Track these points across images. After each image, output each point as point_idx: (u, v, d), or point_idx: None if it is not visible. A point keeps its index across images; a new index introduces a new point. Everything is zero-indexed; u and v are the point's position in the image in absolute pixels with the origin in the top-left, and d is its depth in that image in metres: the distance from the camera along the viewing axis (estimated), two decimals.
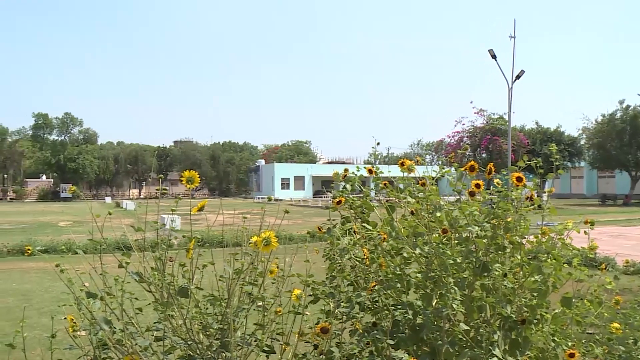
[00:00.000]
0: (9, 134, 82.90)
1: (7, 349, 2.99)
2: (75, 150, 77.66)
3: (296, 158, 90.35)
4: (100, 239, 2.88)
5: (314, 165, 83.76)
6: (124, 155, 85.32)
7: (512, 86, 36.18)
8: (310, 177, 79.00)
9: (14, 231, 25.80)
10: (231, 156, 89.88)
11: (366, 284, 3.32)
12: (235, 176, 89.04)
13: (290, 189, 76.23)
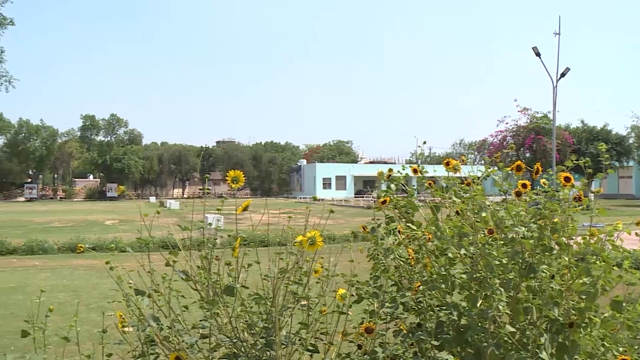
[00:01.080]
0: (59, 135, 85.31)
1: (62, 341, 3.08)
2: (121, 151, 79.36)
3: (338, 158, 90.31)
4: (148, 238, 2.94)
5: (356, 165, 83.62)
6: (167, 156, 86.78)
7: (556, 84, 35.42)
8: (351, 177, 78.92)
9: (63, 229, 26.59)
10: (273, 156, 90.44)
11: (410, 284, 3.30)
12: (277, 176, 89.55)
13: (332, 188, 76.30)
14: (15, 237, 19.53)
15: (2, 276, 13.14)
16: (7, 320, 8.66)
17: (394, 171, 3.65)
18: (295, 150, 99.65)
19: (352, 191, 76.62)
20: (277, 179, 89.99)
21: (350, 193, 75.32)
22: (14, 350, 6.67)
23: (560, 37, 35.94)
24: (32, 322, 2.99)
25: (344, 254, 3.36)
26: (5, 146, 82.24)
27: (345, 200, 59.78)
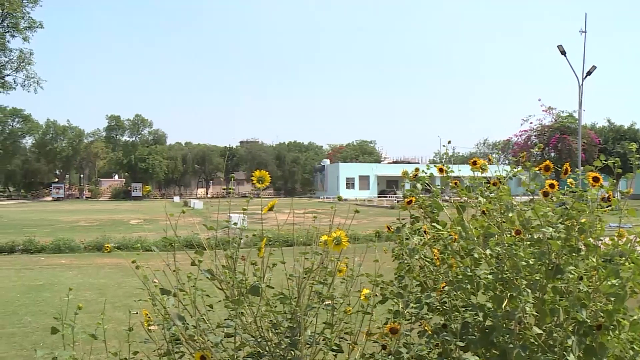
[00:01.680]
0: (85, 135, 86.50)
1: (89, 339, 3.13)
2: (146, 151, 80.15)
3: (361, 158, 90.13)
4: (174, 237, 2.97)
5: (379, 165, 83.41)
6: (191, 156, 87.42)
7: (582, 83, 34.91)
8: (375, 177, 78.76)
9: (89, 228, 26.96)
10: (296, 156, 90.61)
11: (435, 284, 3.28)
12: (301, 176, 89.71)
13: (355, 188, 76.21)
14: (43, 236, 19.86)
15: (31, 274, 13.37)
16: (36, 316, 8.81)
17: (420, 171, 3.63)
18: (318, 150, 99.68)
19: (375, 191, 76.45)
20: (301, 178, 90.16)
21: (374, 193, 75.17)
22: (43, 346, 6.78)
23: (586, 35, 35.46)
24: (61, 320, 3.04)
25: (369, 254, 3.36)
26: (34, 146, 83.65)
27: (369, 200, 59.63)
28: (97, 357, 4.87)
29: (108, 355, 3.13)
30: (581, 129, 38.48)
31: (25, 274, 13.46)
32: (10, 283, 12.06)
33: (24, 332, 7.87)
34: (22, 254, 17.36)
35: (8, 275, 13.12)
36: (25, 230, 24.31)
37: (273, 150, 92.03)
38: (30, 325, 8.29)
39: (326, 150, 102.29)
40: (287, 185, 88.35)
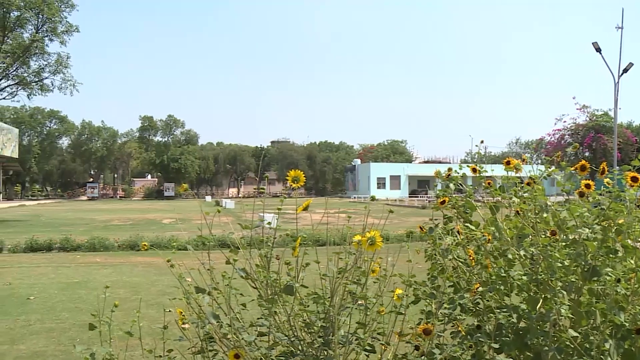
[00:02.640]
0: (119, 136, 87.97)
1: (124, 335, 3.19)
2: (178, 151, 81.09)
3: (392, 157, 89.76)
4: (209, 236, 3.00)
5: (410, 165, 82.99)
6: (223, 156, 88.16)
7: (618, 80, 34.20)
8: (406, 177, 78.39)
9: (123, 227, 27.39)
10: (327, 156, 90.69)
11: (468, 285, 3.26)
12: (332, 176, 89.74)
13: (386, 188, 75.96)
14: (78, 235, 20.24)
15: (67, 272, 13.63)
16: (72, 313, 8.99)
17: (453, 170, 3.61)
18: (349, 149, 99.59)
19: (406, 191, 76.08)
20: (332, 178, 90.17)
21: (405, 193, 74.81)
22: (80, 342, 6.92)
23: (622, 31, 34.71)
24: (98, 317, 3.10)
25: (401, 254, 3.35)
26: (70, 147, 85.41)
27: (400, 200, 59.30)
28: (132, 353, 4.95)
29: (143, 353, 3.18)
30: (617, 127, 37.65)
31: (62, 271, 13.74)
32: (49, 280, 12.33)
33: (61, 327, 8.04)
34: (59, 252, 17.73)
35: (46, 273, 13.41)
36: (61, 228, 24.86)
37: (304, 150, 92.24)
38: (67, 321, 8.46)
39: (357, 150, 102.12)
40: (318, 185, 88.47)
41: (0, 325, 8.17)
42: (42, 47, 34.77)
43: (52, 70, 35.71)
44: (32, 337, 7.52)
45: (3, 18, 32.86)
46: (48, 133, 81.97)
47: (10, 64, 33.77)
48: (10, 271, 13.41)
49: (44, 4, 32.90)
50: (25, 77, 35.34)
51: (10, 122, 72.31)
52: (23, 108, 76.96)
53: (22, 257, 16.60)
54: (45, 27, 34.19)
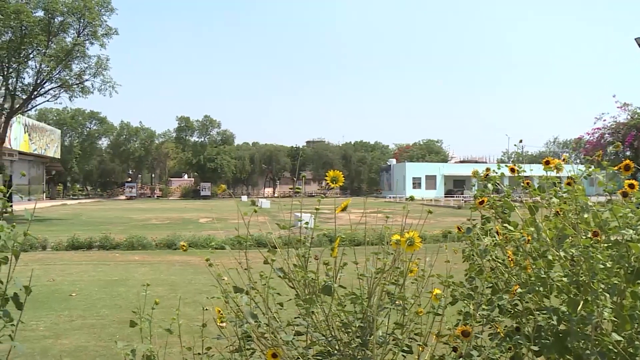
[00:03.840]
0: (156, 136, 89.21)
1: (163, 333, 3.24)
2: (214, 151, 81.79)
3: (428, 157, 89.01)
4: (247, 235, 3.02)
5: (446, 165, 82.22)
6: (259, 155, 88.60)
7: None
8: (442, 177, 77.72)
9: (160, 226, 27.81)
10: (362, 155, 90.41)
11: (506, 286, 3.21)
12: (367, 175, 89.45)
13: (422, 188, 75.45)
14: (117, 233, 20.63)
15: (107, 269, 13.92)
16: (112, 310, 9.17)
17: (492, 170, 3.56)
18: (384, 149, 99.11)
19: (442, 191, 75.45)
20: (367, 178, 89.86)
21: (440, 193, 74.19)
22: (119, 338, 7.06)
23: None
24: (139, 314, 3.15)
25: (439, 254, 3.32)
26: (109, 147, 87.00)
27: (435, 200, 58.83)
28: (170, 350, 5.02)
29: (182, 350, 3.23)
30: None
31: (102, 269, 14.03)
32: (89, 277, 12.62)
33: (101, 324, 8.22)
34: (98, 250, 18.13)
35: (87, 270, 13.72)
36: (101, 227, 25.39)
37: (339, 150, 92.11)
38: (107, 317, 8.64)
39: (392, 149, 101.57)
40: (353, 185, 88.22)
41: (46, 320, 8.40)
42: (83, 51, 35.58)
43: (93, 73, 36.51)
44: (74, 333, 7.72)
45: (48, 24, 33.79)
46: (88, 134, 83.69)
47: (54, 67, 34.65)
48: (53, 268, 13.76)
49: (85, 9, 33.70)
50: (68, 79, 36.19)
51: (53, 123, 74.11)
52: (65, 110, 78.73)
53: (64, 254, 17.03)
54: (86, 31, 34.99)
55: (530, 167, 4.31)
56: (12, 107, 35.49)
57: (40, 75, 35.21)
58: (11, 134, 46.30)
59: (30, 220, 2.79)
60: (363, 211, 3.27)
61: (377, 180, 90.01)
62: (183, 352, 3.24)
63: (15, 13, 31.81)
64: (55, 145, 67.00)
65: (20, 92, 35.77)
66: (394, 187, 78.77)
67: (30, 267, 2.55)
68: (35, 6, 33.68)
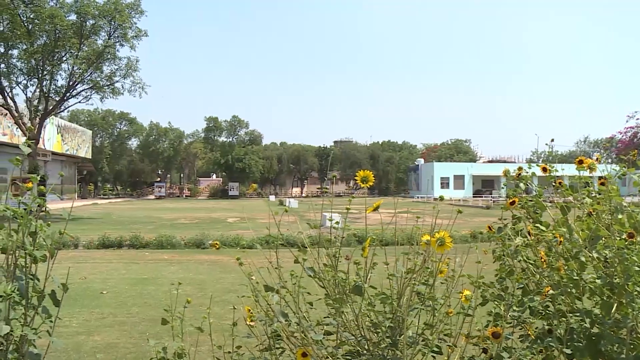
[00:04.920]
0: (185, 136, 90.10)
1: (192, 331, 3.28)
2: (242, 151, 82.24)
3: (456, 157, 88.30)
4: (277, 235, 3.04)
5: (474, 164, 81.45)
6: (286, 155, 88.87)
7: None
8: (470, 177, 77.03)
9: (189, 226, 28.08)
10: (390, 155, 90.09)
11: (537, 287, 3.17)
12: (395, 175, 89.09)
13: (450, 188, 74.88)
14: (147, 232, 20.89)
15: (137, 268, 14.11)
16: (142, 308, 9.30)
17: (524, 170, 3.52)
18: (412, 149, 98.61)
19: (470, 191, 74.78)
20: (395, 178, 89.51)
21: (469, 193, 73.55)
22: (149, 336, 7.15)
23: None
24: (170, 312, 3.20)
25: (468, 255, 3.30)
26: (138, 147, 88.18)
27: (464, 200, 58.27)
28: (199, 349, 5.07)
29: (212, 348, 3.26)
30: None
31: (132, 267, 14.23)
32: (120, 276, 12.81)
33: (132, 321, 8.34)
34: (129, 249, 18.40)
35: (117, 268, 13.93)
36: (131, 226, 25.75)
37: (367, 150, 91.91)
38: (137, 315, 8.77)
39: (420, 149, 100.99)
40: (381, 184, 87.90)
41: (78, 317, 8.56)
42: (114, 53, 36.20)
43: (123, 74, 37.12)
44: (105, 329, 7.85)
45: (80, 27, 34.49)
46: (118, 134, 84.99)
47: (86, 69, 35.34)
48: (85, 266, 14.00)
49: (115, 12, 34.31)
50: (98, 81, 36.85)
51: (84, 124, 75.46)
52: (96, 111, 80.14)
53: (95, 253, 17.32)
54: (117, 33, 35.61)
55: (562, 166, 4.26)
56: (46, 109, 36.26)
57: (73, 77, 35.97)
58: (45, 134, 47.29)
59: (67, 220, 2.85)
60: (394, 211, 3.26)
61: (405, 180, 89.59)
62: (213, 350, 3.27)
63: (49, 17, 32.62)
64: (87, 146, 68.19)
65: (53, 94, 36.57)
66: (423, 187, 78.32)
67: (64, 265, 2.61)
68: (69, 10, 34.47)
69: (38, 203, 2.77)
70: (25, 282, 2.67)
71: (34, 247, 2.71)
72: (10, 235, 2.68)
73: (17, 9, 32.94)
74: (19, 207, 2.70)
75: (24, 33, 33.38)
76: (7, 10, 32.60)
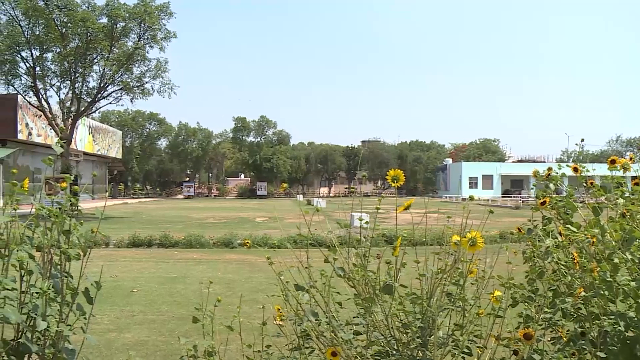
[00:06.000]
0: (213, 137, 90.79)
1: (222, 330, 3.31)
2: (270, 151, 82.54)
3: (484, 156, 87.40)
4: (306, 234, 3.05)
5: (503, 164, 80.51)
6: (314, 155, 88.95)
7: None
8: (499, 176, 76.21)
9: (217, 225, 28.31)
10: (418, 155, 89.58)
11: (569, 289, 3.12)
12: (423, 175, 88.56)
13: (478, 188, 74.19)
14: (176, 232, 21.11)
15: (166, 267, 14.29)
16: (171, 306, 9.42)
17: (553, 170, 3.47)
18: (440, 149, 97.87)
19: (499, 191, 73.98)
20: (422, 178, 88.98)
21: (497, 193, 72.76)
22: (179, 334, 7.24)
23: None
24: (201, 311, 3.23)
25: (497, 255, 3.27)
26: (167, 147, 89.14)
27: (492, 200, 57.64)
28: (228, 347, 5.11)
29: (242, 347, 3.28)
30: None
31: (162, 266, 14.41)
32: (149, 274, 12.98)
33: (161, 320, 8.45)
34: (158, 248, 18.62)
35: (147, 267, 14.12)
36: (160, 225, 26.07)
37: (395, 150, 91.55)
38: (166, 313, 8.88)
39: (449, 149, 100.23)
40: (409, 184, 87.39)
41: (109, 314, 8.70)
42: (143, 54, 36.75)
43: (152, 75, 37.64)
44: (136, 327, 7.96)
45: (111, 29, 35.12)
46: (148, 135, 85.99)
47: (116, 71, 35.96)
48: (116, 265, 14.21)
49: (145, 14, 34.83)
50: (129, 82, 37.43)
51: (115, 125, 76.53)
52: (126, 111, 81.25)
53: (125, 252, 17.59)
54: (146, 35, 36.15)
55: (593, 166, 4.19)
56: (78, 110, 36.95)
57: (104, 78, 36.61)
58: (77, 135, 48.17)
59: (100, 219, 2.91)
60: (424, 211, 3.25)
61: (433, 180, 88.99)
62: (243, 349, 3.29)
63: (82, 21, 33.39)
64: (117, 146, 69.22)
65: (85, 96, 37.27)
66: (450, 187, 77.73)
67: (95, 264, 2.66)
68: (100, 13, 35.20)
69: (71, 202, 2.82)
70: (60, 280, 2.73)
71: (68, 246, 2.77)
72: (45, 234, 2.75)
73: (51, 14, 33.79)
74: (53, 206, 2.75)
75: (58, 37, 34.18)
76: (43, 15, 33.49)
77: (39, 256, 2.73)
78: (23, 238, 2.69)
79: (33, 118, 42.84)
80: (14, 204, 2.75)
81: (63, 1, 34.06)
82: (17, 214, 2.72)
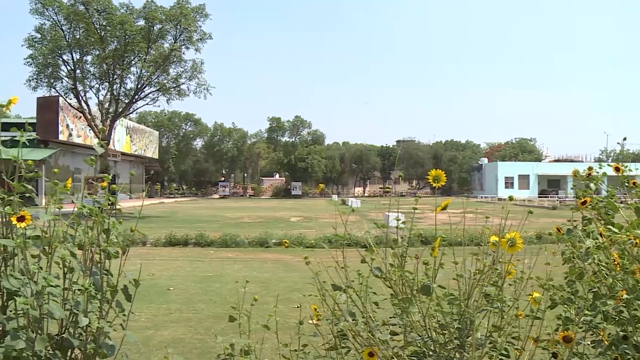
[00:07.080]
0: (248, 137, 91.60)
1: (257, 328, 3.33)
2: (305, 151, 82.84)
3: (520, 156, 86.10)
4: (345, 234, 3.05)
5: (540, 164, 79.23)
6: (349, 155, 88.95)
7: None
8: (535, 176, 75.03)
9: (253, 225, 28.51)
10: (453, 155, 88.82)
11: (610, 291, 3.06)
12: (458, 175, 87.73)
13: (514, 188, 73.14)
14: (212, 231, 21.31)
15: (202, 266, 14.44)
16: (207, 305, 9.51)
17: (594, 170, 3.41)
18: (476, 148, 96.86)
19: (535, 191, 72.81)
20: (458, 178, 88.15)
21: (534, 193, 71.61)
22: (214, 332, 7.32)
23: None
24: (238, 309, 3.26)
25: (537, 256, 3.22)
26: (203, 147, 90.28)
27: (529, 200, 56.72)
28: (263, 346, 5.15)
29: (278, 346, 3.30)
30: None
31: (197, 265, 14.57)
32: (185, 273, 13.14)
33: (197, 318, 8.54)
34: (194, 247, 18.83)
35: (183, 266, 14.30)
36: (196, 225, 26.37)
37: (430, 149, 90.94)
38: (202, 312, 8.97)
39: (484, 148, 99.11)
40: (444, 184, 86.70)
41: (146, 312, 8.84)
42: (180, 55, 37.34)
43: (188, 76, 38.20)
44: (172, 325, 8.07)
45: (148, 31, 35.76)
46: (184, 135, 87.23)
47: (153, 72, 36.60)
48: (152, 263, 14.42)
49: (181, 16, 35.38)
50: (165, 83, 38.03)
51: (152, 125, 77.86)
52: (162, 112, 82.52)
53: (162, 250, 17.85)
54: (182, 36, 36.70)
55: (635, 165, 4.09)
56: (116, 111, 37.73)
57: (141, 80, 37.31)
58: (115, 136, 49.11)
59: (138, 218, 2.96)
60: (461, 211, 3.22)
61: (468, 179, 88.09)
62: (279, 348, 3.31)
63: (120, 24, 34.17)
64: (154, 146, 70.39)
65: (123, 97, 38.03)
66: (485, 187, 76.81)
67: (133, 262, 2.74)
68: (138, 16, 35.94)
69: (111, 201, 2.88)
70: (100, 277, 2.79)
71: (108, 244, 2.83)
72: (86, 232, 2.81)
73: (91, 18, 34.65)
74: (93, 206, 2.81)
75: (97, 39, 35.01)
76: (83, 19, 34.36)
77: (80, 254, 2.80)
78: (65, 236, 2.76)
79: (73, 119, 43.92)
80: (57, 203, 2.82)
81: (102, 5, 34.91)
82: (60, 213, 2.79)
